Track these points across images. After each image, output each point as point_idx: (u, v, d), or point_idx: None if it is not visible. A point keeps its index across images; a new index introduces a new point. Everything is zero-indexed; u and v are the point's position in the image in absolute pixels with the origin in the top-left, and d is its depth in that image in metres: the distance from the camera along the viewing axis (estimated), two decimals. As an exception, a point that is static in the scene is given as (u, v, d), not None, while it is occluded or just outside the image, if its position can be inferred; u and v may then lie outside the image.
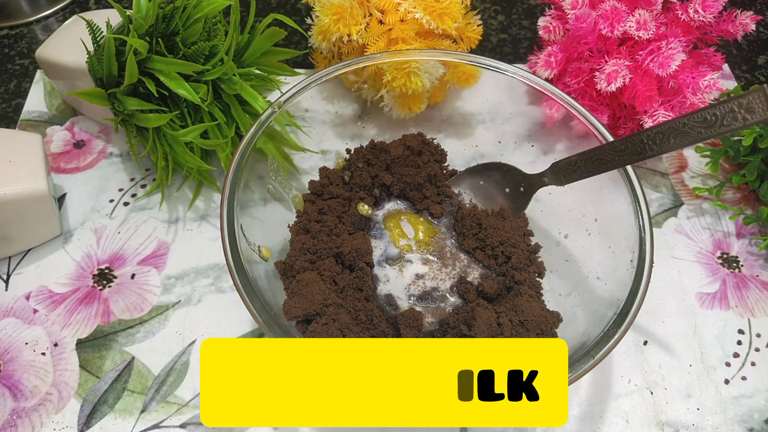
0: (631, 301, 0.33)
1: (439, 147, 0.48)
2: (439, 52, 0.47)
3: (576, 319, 0.39)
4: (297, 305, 0.37)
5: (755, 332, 0.46)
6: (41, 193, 0.45)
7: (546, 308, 0.40)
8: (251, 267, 0.36)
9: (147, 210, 0.52)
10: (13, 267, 0.49)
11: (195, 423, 0.42)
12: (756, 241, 0.51)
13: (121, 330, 0.46)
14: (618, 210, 0.38)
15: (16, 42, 0.65)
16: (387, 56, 0.47)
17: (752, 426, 0.42)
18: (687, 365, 0.45)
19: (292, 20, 0.51)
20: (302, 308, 0.37)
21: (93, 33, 0.47)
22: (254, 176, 0.41)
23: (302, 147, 0.47)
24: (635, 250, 0.35)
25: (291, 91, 0.42)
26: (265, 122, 0.41)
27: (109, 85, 0.47)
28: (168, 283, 0.48)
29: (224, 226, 0.36)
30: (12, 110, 0.59)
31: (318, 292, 0.38)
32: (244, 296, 0.33)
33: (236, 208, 0.37)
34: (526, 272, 0.42)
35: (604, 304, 0.36)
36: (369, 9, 0.51)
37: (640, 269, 0.34)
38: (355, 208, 0.45)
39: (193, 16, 0.47)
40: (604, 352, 0.32)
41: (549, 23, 0.54)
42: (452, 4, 0.49)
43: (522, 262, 0.42)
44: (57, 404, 0.42)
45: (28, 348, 0.44)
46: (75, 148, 0.56)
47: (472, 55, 0.46)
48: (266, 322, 0.32)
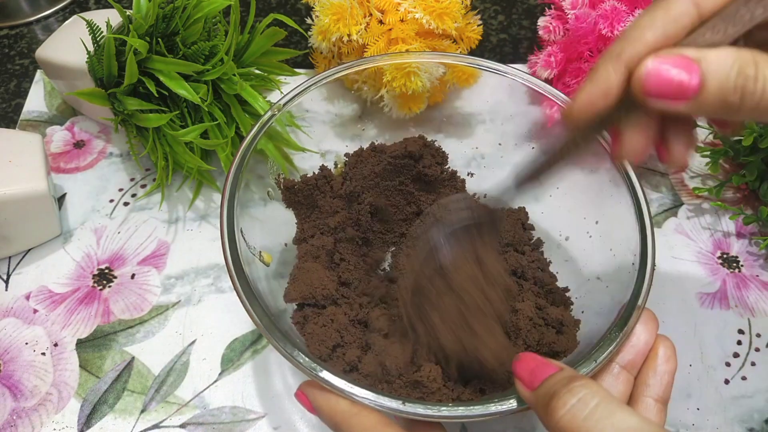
0: (633, 303, 0.33)
1: (440, 150, 0.47)
2: (438, 54, 0.47)
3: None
4: (295, 290, 0.37)
5: (755, 332, 0.46)
6: (41, 193, 0.45)
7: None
8: (251, 269, 0.36)
9: (147, 210, 0.52)
10: (13, 267, 0.49)
11: (195, 423, 0.42)
12: (756, 241, 0.51)
13: (121, 330, 0.46)
14: (619, 212, 0.38)
15: (16, 42, 0.65)
16: (387, 58, 0.47)
17: (752, 426, 0.42)
18: (687, 365, 0.45)
19: (292, 20, 0.51)
20: (300, 293, 0.37)
21: (93, 33, 0.47)
22: (254, 176, 0.41)
23: (302, 147, 0.47)
24: (636, 252, 0.35)
25: (291, 93, 0.42)
26: (266, 124, 0.41)
27: (109, 85, 0.47)
28: (168, 283, 0.48)
29: (224, 229, 0.35)
30: (12, 110, 0.59)
31: (317, 279, 0.38)
32: (245, 300, 0.33)
33: (236, 210, 0.37)
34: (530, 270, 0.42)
35: (606, 307, 0.36)
36: (369, 9, 0.51)
37: (642, 271, 0.34)
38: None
39: (193, 16, 0.47)
40: (607, 355, 0.31)
41: (549, 23, 0.54)
42: (452, 4, 0.49)
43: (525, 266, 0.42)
44: (57, 404, 0.42)
45: (28, 348, 0.44)
46: (75, 148, 0.56)
47: (471, 57, 0.46)
48: (267, 326, 0.32)
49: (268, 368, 0.44)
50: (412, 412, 0.29)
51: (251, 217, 0.40)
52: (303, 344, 0.36)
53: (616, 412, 0.25)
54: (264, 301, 0.34)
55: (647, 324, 0.33)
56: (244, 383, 0.44)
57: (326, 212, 0.44)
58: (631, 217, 0.37)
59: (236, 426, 0.42)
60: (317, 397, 0.31)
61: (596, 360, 0.31)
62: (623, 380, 0.33)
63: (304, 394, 0.32)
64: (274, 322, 0.32)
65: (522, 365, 0.29)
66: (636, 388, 0.32)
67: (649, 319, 0.33)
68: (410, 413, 0.29)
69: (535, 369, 0.28)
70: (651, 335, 0.33)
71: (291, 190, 0.43)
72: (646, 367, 0.32)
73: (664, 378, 0.32)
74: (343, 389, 0.30)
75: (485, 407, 0.29)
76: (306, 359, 0.31)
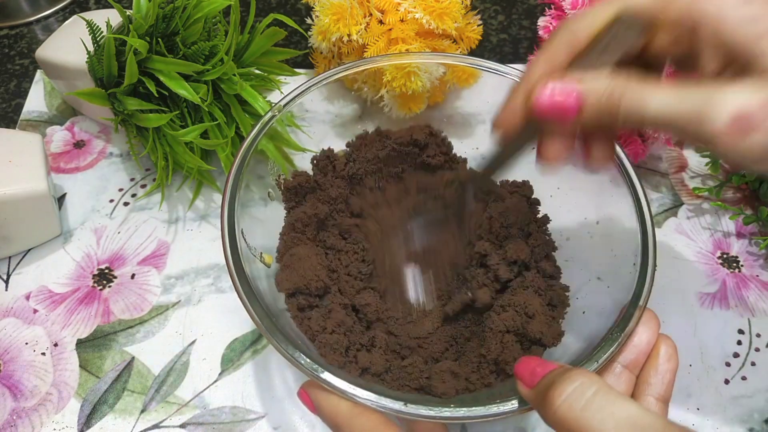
0: (634, 304, 0.33)
1: (446, 140, 0.47)
2: (438, 55, 0.47)
3: (578, 322, 0.39)
4: (287, 278, 0.37)
5: (755, 332, 0.46)
6: (41, 193, 0.45)
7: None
8: (251, 269, 0.36)
9: (147, 210, 0.52)
10: (13, 267, 0.49)
11: (195, 423, 0.42)
12: (756, 241, 0.51)
13: (121, 330, 0.46)
14: (620, 212, 0.38)
15: (16, 42, 0.65)
16: (387, 59, 0.47)
17: (752, 426, 0.42)
18: (687, 365, 0.45)
19: (292, 20, 0.51)
20: (293, 282, 0.37)
21: (93, 33, 0.47)
22: (255, 177, 0.41)
23: (302, 147, 0.47)
24: (638, 252, 0.35)
25: (292, 94, 0.42)
26: (267, 125, 0.41)
27: (109, 85, 0.47)
28: (168, 283, 0.48)
29: (225, 229, 0.35)
30: (12, 110, 0.59)
31: (309, 268, 0.38)
32: (245, 301, 0.33)
33: (237, 211, 0.37)
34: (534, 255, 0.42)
35: (607, 308, 0.36)
36: (369, 9, 0.51)
37: (643, 272, 0.34)
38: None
39: (193, 16, 0.47)
40: (608, 355, 0.31)
41: (549, 23, 0.54)
42: (452, 4, 0.49)
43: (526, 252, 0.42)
44: (57, 404, 0.42)
45: (28, 348, 0.44)
46: (75, 148, 0.56)
47: (471, 58, 0.45)
48: (268, 328, 0.32)
49: (268, 368, 0.44)
50: (414, 414, 0.29)
51: (252, 218, 0.40)
52: (305, 345, 0.36)
53: (616, 401, 0.25)
54: (264, 302, 0.34)
55: (649, 323, 0.33)
56: (244, 383, 0.44)
57: (327, 189, 0.44)
58: (632, 217, 0.37)
59: (236, 426, 0.42)
60: (319, 397, 0.31)
61: (597, 360, 0.31)
62: (625, 379, 0.33)
63: (306, 393, 0.32)
64: (275, 323, 0.32)
65: (523, 365, 0.29)
66: (638, 387, 0.32)
67: (650, 319, 0.33)
68: (412, 414, 0.29)
69: (536, 368, 0.29)
70: (653, 335, 0.33)
71: (291, 190, 0.43)
72: (647, 366, 0.32)
73: (665, 377, 0.32)
74: (345, 390, 0.30)
75: (487, 408, 0.29)
76: (307, 360, 0.31)
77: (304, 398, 0.32)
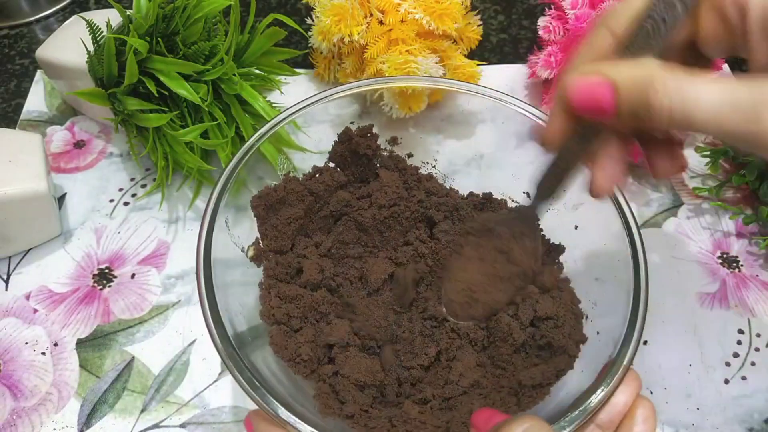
0: (619, 361, 0.31)
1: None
2: (434, 80, 0.45)
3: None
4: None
5: (755, 332, 0.46)
6: (41, 193, 0.45)
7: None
8: (224, 271, 0.35)
9: (147, 210, 0.52)
10: (13, 267, 0.49)
11: (195, 423, 0.42)
12: (756, 241, 0.51)
13: (121, 330, 0.46)
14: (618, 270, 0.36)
15: (16, 42, 0.65)
16: (388, 82, 0.45)
17: (752, 426, 0.42)
18: (687, 365, 0.45)
19: (292, 20, 0.51)
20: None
21: (93, 33, 0.47)
22: (254, 177, 0.41)
23: (302, 147, 0.47)
24: (630, 287, 0.34)
25: (296, 107, 0.41)
26: (265, 135, 0.40)
27: (109, 85, 0.47)
28: (168, 282, 0.48)
29: (204, 227, 0.35)
30: (12, 110, 0.59)
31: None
32: (206, 309, 0.33)
33: (222, 209, 0.36)
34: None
35: (593, 351, 0.35)
36: (369, 9, 0.51)
37: (629, 335, 0.32)
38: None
39: (193, 16, 0.47)
40: (582, 419, 0.30)
41: (549, 23, 0.54)
42: (452, 4, 0.49)
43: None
44: (57, 404, 0.42)
45: (28, 348, 0.44)
46: (75, 148, 0.56)
47: (467, 84, 0.44)
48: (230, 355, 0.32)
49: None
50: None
51: (250, 217, 0.40)
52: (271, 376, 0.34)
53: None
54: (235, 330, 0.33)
55: (629, 384, 0.31)
56: (244, 383, 0.43)
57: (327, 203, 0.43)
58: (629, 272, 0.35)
59: (236, 426, 0.42)
60: (260, 426, 0.31)
61: (572, 423, 0.30)
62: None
63: (250, 422, 0.32)
64: (239, 354, 0.32)
65: (478, 415, 0.30)
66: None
67: (633, 380, 0.32)
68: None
69: (491, 417, 0.30)
70: (631, 396, 0.31)
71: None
72: (623, 426, 0.31)
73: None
74: (287, 421, 0.29)
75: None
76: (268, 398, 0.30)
77: (248, 426, 0.32)
